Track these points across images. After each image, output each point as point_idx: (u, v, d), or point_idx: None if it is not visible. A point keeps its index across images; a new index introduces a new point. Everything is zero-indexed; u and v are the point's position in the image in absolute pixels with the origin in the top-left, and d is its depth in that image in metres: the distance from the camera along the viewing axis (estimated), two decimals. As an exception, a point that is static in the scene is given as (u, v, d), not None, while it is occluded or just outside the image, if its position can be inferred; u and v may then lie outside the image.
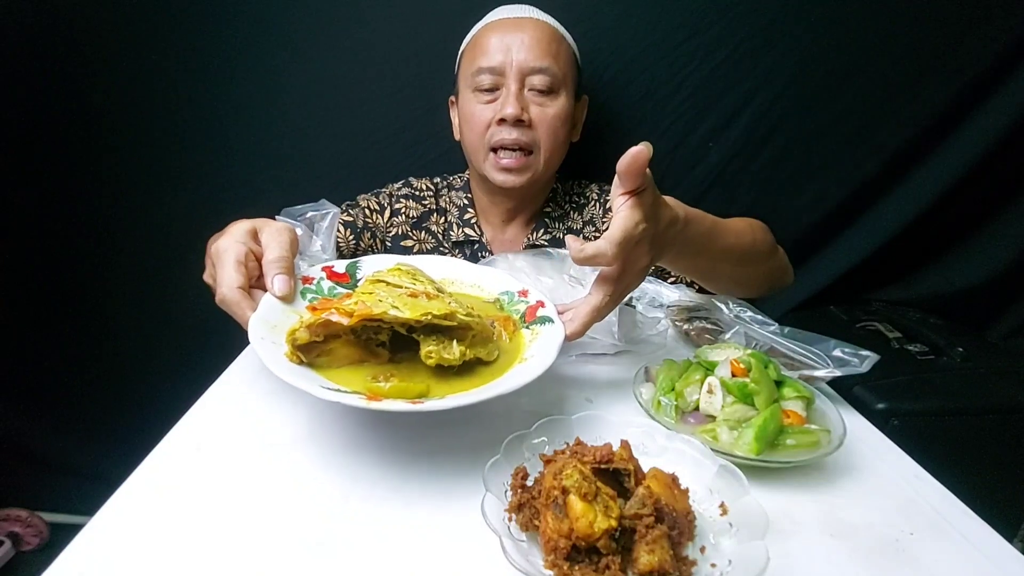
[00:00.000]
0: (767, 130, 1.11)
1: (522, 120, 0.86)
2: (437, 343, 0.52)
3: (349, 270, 0.64)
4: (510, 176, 0.89)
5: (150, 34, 1.05)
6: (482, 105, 0.89)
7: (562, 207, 1.02)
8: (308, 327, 0.50)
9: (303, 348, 0.50)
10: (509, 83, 0.87)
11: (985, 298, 1.18)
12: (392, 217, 0.99)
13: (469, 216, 1.00)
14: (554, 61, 0.87)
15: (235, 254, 0.55)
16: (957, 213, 1.14)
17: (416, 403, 0.45)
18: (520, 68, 0.86)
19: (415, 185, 1.02)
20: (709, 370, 0.58)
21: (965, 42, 1.03)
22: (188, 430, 0.52)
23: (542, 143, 0.89)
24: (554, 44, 0.88)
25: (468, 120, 0.91)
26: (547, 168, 0.91)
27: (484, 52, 0.88)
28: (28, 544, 1.31)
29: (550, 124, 0.88)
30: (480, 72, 0.88)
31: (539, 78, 0.87)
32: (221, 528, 0.42)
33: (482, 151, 0.90)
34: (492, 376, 0.53)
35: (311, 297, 0.58)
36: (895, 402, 0.88)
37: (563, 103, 0.89)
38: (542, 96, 0.88)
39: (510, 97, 0.86)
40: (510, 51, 0.86)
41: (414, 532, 0.42)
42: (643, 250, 0.55)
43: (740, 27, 1.04)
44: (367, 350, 0.53)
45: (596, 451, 0.40)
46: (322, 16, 1.05)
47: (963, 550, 0.44)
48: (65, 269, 1.19)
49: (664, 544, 0.35)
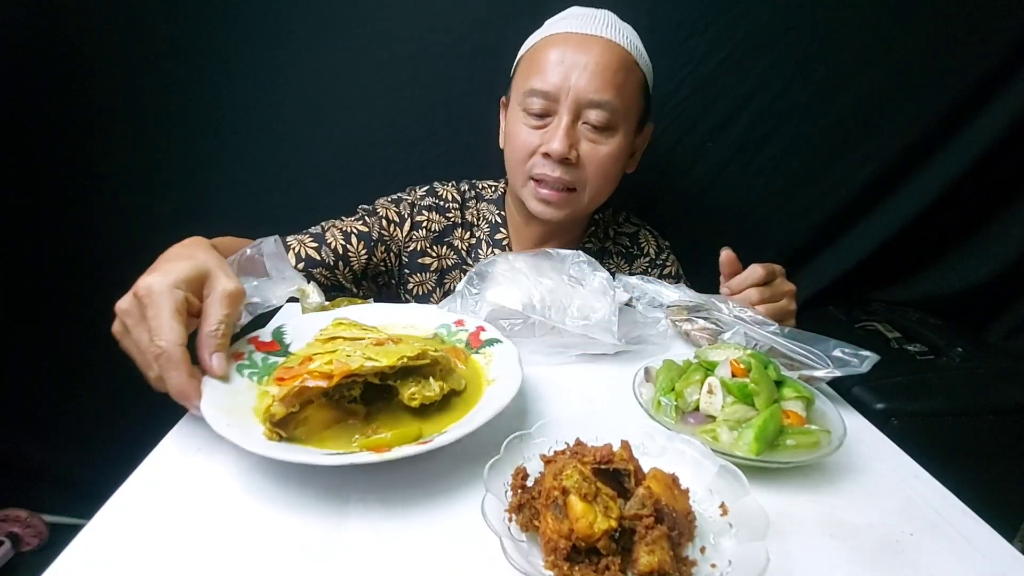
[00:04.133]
0: (767, 130, 1.11)
1: (568, 159, 0.78)
2: (416, 384, 0.51)
3: (276, 337, 0.59)
4: (548, 208, 0.83)
5: (148, 34, 1.05)
6: (528, 129, 0.80)
7: (602, 243, 0.97)
8: (283, 400, 0.46)
9: (280, 423, 0.46)
10: (562, 113, 0.77)
11: (985, 298, 1.18)
12: (412, 231, 0.91)
13: (501, 236, 0.93)
14: (617, 94, 0.77)
15: (173, 302, 0.46)
16: (957, 213, 1.14)
17: (425, 443, 0.45)
18: (577, 99, 0.76)
19: (440, 194, 0.94)
20: (709, 370, 0.58)
21: (965, 43, 1.03)
22: (188, 431, 0.52)
23: (588, 183, 0.81)
24: (621, 73, 0.78)
25: (512, 141, 0.83)
26: (591, 206, 0.85)
27: (540, 71, 0.78)
28: (28, 544, 1.31)
29: (600, 164, 0.80)
30: (532, 93, 0.79)
31: (596, 113, 0.77)
32: (221, 528, 0.42)
33: (521, 176, 0.83)
34: (471, 402, 0.54)
35: (249, 372, 0.52)
36: (895, 402, 0.88)
37: (619, 142, 0.80)
38: (596, 133, 0.79)
39: (560, 131, 0.77)
40: (569, 76, 0.76)
41: (414, 532, 0.42)
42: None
43: (740, 27, 1.04)
44: (341, 410, 0.50)
45: (596, 451, 0.40)
46: (320, 16, 1.05)
47: (963, 550, 0.44)
48: (62, 275, 1.18)
49: (664, 544, 0.35)
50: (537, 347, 0.67)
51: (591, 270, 0.72)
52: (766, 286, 0.72)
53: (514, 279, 0.70)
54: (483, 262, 0.74)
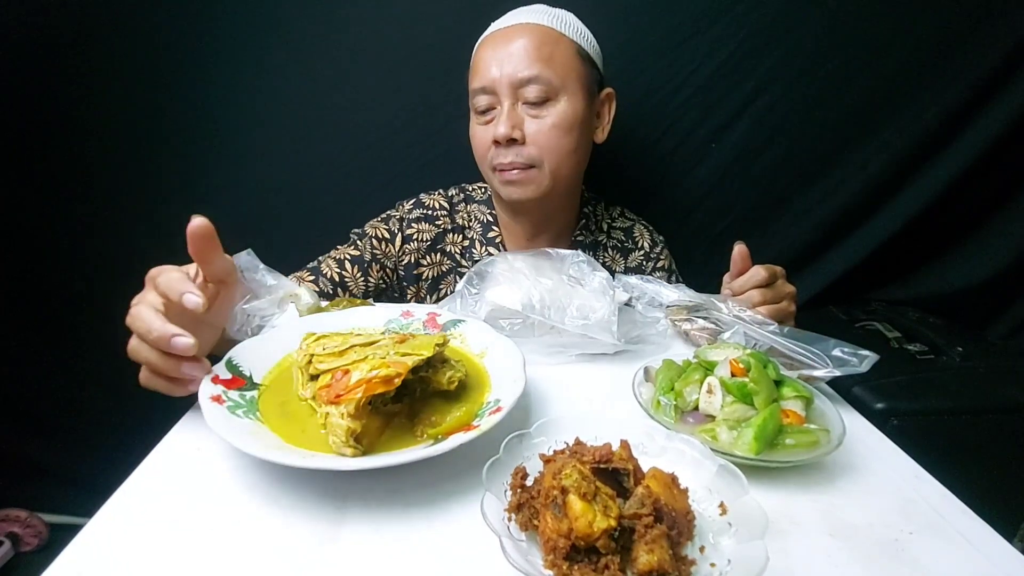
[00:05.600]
0: (770, 131, 1.11)
1: (515, 139, 0.82)
2: (444, 370, 0.54)
3: (234, 372, 0.55)
4: (516, 188, 0.85)
5: (147, 36, 1.05)
6: (481, 127, 0.86)
7: (595, 235, 0.98)
8: (355, 414, 0.45)
9: (358, 438, 0.46)
10: (502, 100, 0.82)
11: (985, 298, 1.18)
12: (404, 244, 0.94)
13: (493, 234, 0.95)
14: (546, 66, 0.81)
15: (179, 270, 0.52)
16: (957, 213, 1.14)
17: (473, 428, 0.47)
18: (510, 81, 0.81)
19: (427, 204, 0.96)
20: (708, 370, 0.58)
21: (967, 42, 1.03)
22: (188, 431, 0.52)
23: (544, 157, 0.84)
24: (547, 47, 0.81)
25: (473, 142, 0.89)
26: (557, 179, 0.86)
27: (476, 72, 0.85)
28: (27, 544, 1.31)
29: (547, 135, 0.83)
30: (475, 93, 0.85)
31: (530, 88, 0.81)
32: (221, 528, 0.42)
33: (488, 171, 0.88)
34: (482, 382, 0.57)
35: (242, 412, 0.50)
36: (894, 402, 0.88)
37: (563, 109, 0.83)
38: (537, 108, 0.82)
39: (501, 115, 0.82)
40: (501, 67, 0.81)
41: (413, 531, 0.42)
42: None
43: (742, 26, 1.04)
44: (382, 414, 0.50)
45: (595, 451, 0.40)
46: (319, 17, 1.05)
47: (963, 550, 0.44)
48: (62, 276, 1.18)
49: (663, 544, 0.35)
50: (536, 347, 0.67)
51: (590, 270, 0.72)
52: (768, 287, 0.72)
53: (513, 279, 0.70)
54: (482, 262, 0.74)
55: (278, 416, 0.51)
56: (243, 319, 0.59)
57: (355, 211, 0.99)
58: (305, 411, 0.52)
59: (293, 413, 0.52)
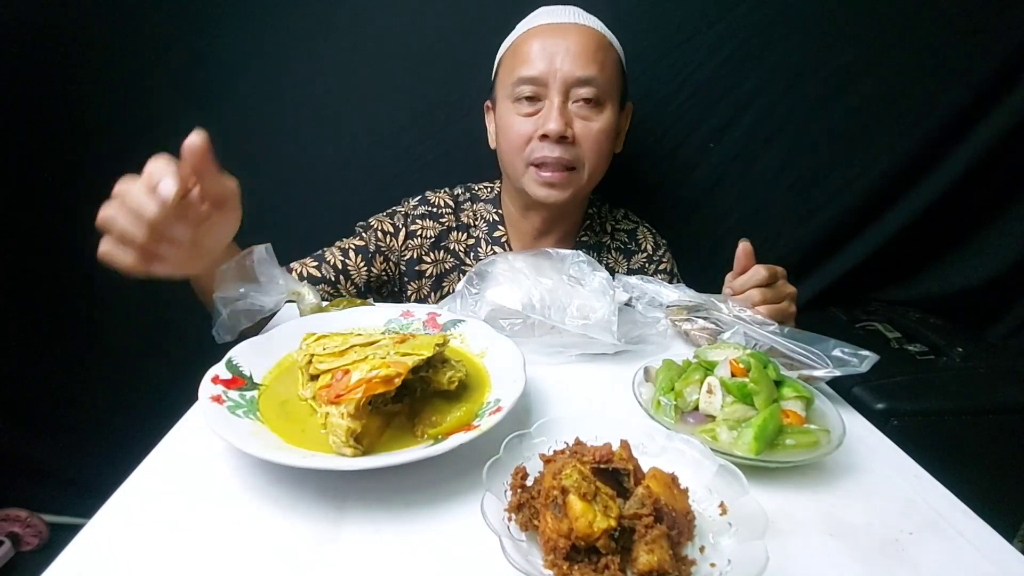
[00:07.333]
0: (769, 131, 1.11)
1: (565, 137, 0.81)
2: (444, 370, 0.54)
3: (234, 372, 0.55)
4: (552, 191, 0.85)
5: (147, 34, 1.05)
6: (522, 118, 0.83)
7: (599, 237, 0.99)
8: (356, 414, 0.45)
9: (358, 438, 0.46)
10: (552, 95, 0.81)
11: (985, 298, 1.18)
12: (407, 240, 0.94)
13: (499, 234, 0.95)
14: (600, 71, 0.81)
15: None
16: (957, 214, 1.14)
17: (473, 428, 0.48)
18: (565, 79, 0.80)
19: (432, 201, 0.96)
20: (709, 370, 0.58)
21: (968, 44, 1.03)
22: (188, 431, 0.52)
23: (586, 160, 0.84)
24: (600, 52, 0.82)
25: (506, 133, 0.86)
26: (590, 184, 0.88)
27: (525, 60, 0.82)
28: (28, 544, 1.31)
29: (595, 140, 0.83)
30: (521, 82, 0.82)
31: (585, 90, 0.81)
32: (221, 528, 0.42)
33: (520, 165, 0.86)
34: (482, 382, 0.57)
35: (242, 412, 0.50)
36: (895, 402, 0.88)
37: (609, 116, 0.84)
38: (588, 109, 0.82)
39: (553, 111, 0.80)
40: (554, 60, 0.80)
41: (413, 531, 0.42)
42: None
43: (742, 27, 1.04)
44: (383, 414, 0.50)
45: (596, 451, 0.40)
46: (321, 16, 1.05)
47: (963, 550, 0.44)
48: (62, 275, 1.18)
49: (663, 544, 0.35)
50: (537, 347, 0.67)
51: (591, 270, 0.72)
52: (768, 287, 0.72)
53: (514, 279, 0.70)
54: (483, 262, 0.74)
55: (278, 416, 0.51)
56: (238, 296, 0.60)
57: (355, 212, 0.99)
58: (305, 411, 0.52)
59: (293, 413, 0.52)
